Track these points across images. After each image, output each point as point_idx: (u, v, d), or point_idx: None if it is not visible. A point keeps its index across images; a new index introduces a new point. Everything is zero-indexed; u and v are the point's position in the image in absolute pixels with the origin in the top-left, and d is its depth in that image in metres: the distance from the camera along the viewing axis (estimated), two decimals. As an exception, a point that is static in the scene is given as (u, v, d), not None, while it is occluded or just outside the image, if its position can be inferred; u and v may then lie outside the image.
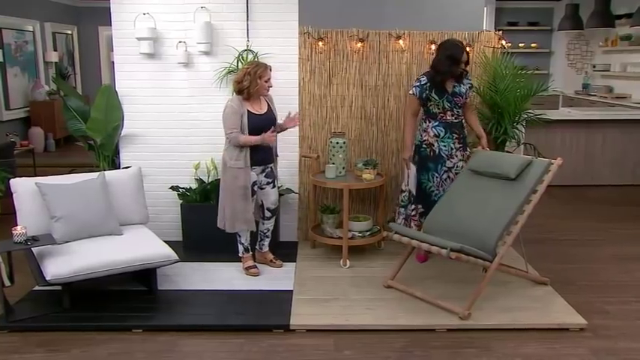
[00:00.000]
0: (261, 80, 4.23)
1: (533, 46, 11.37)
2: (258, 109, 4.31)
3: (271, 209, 4.54)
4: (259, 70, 4.22)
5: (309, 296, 4.09)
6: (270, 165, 4.43)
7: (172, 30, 4.91)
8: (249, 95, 4.24)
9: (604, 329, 3.73)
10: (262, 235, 4.64)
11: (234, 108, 4.20)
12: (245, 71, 4.21)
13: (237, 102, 4.23)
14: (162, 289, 4.17)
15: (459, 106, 4.53)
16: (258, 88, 4.24)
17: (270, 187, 4.46)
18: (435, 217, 4.25)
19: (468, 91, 4.57)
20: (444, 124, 4.56)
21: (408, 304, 3.97)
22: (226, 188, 4.33)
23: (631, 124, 7.61)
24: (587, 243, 5.42)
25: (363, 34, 5.09)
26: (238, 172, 4.26)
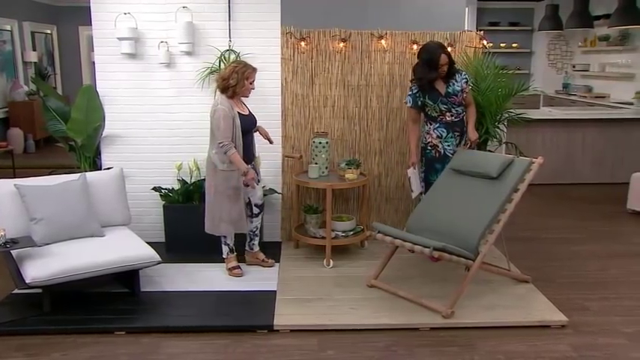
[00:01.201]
0: (247, 82, 4.22)
1: (514, 46, 11.49)
2: (241, 109, 4.31)
3: (259, 205, 4.53)
4: (247, 71, 4.20)
5: (292, 296, 4.09)
6: (252, 163, 4.44)
7: (154, 30, 4.88)
8: (234, 94, 4.22)
9: (584, 325, 3.78)
10: (251, 235, 4.62)
11: (226, 111, 4.15)
12: (233, 69, 4.19)
13: (228, 104, 4.19)
14: (145, 290, 4.14)
15: (457, 105, 4.54)
16: (244, 89, 4.23)
17: (255, 183, 4.46)
18: (418, 216, 4.27)
19: (465, 86, 4.54)
20: (444, 125, 4.61)
21: (392, 304, 3.99)
22: (216, 190, 4.30)
23: (610, 123, 7.72)
24: (568, 241, 5.48)
25: (345, 34, 5.10)
26: (230, 174, 4.24)
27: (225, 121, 4.12)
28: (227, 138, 4.13)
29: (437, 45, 4.51)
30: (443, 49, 4.47)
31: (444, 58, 4.43)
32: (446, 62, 4.45)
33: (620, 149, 7.72)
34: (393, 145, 5.29)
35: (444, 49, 4.48)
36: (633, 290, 4.35)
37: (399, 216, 5.37)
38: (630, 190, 6.40)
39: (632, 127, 7.71)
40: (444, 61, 4.44)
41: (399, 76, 5.19)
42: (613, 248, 5.30)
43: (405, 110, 4.98)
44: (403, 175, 5.30)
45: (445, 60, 4.44)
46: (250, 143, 4.38)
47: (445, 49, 4.49)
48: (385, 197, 5.38)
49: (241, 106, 4.33)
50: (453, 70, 4.54)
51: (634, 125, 7.71)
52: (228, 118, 4.14)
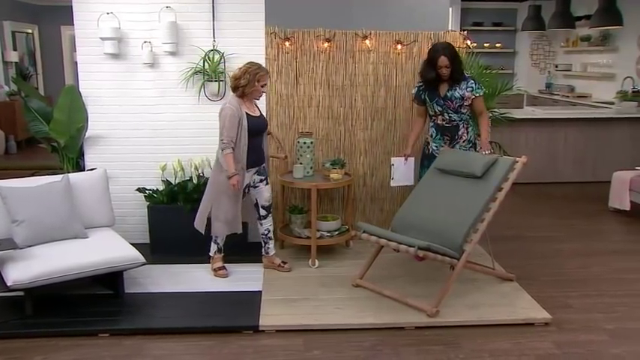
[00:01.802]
0: (259, 84, 4.19)
1: (497, 46, 11.58)
2: (253, 111, 4.28)
3: (266, 206, 4.49)
4: (259, 73, 4.18)
5: (278, 297, 4.08)
6: (262, 165, 4.42)
7: (137, 30, 4.84)
8: (243, 94, 4.20)
9: (567, 323, 3.82)
10: (265, 239, 4.58)
11: (234, 111, 4.13)
12: (246, 69, 4.17)
13: (237, 104, 4.17)
14: (129, 292, 4.11)
15: (452, 111, 4.52)
16: (254, 90, 4.21)
17: (263, 184, 4.44)
18: (403, 215, 4.29)
19: (468, 95, 4.48)
20: (436, 126, 4.65)
21: (377, 303, 4.00)
22: (218, 189, 4.29)
23: (591, 122, 7.81)
24: (550, 239, 5.54)
25: (329, 34, 5.10)
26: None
27: (230, 121, 4.11)
28: (229, 137, 4.11)
29: (442, 46, 4.46)
30: (445, 52, 4.40)
31: (442, 60, 4.40)
32: (445, 65, 4.41)
33: (601, 148, 7.81)
34: (377, 145, 5.31)
35: (446, 51, 4.40)
36: (614, 287, 4.41)
37: (384, 215, 5.39)
38: (611, 189, 6.48)
39: (613, 126, 7.81)
40: (442, 63, 4.41)
41: (383, 76, 5.20)
42: (594, 246, 5.36)
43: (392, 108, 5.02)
44: (388, 174, 5.32)
45: (445, 62, 4.40)
46: (258, 146, 4.33)
47: (449, 52, 4.40)
48: (370, 197, 5.40)
49: (252, 108, 4.30)
50: (456, 75, 4.45)
51: (615, 124, 7.81)
52: (234, 118, 4.12)
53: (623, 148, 7.80)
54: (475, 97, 4.49)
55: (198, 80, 4.92)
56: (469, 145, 4.61)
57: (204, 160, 4.97)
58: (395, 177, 4.76)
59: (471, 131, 4.60)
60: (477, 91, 4.48)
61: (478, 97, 4.51)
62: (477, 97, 4.50)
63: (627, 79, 8.76)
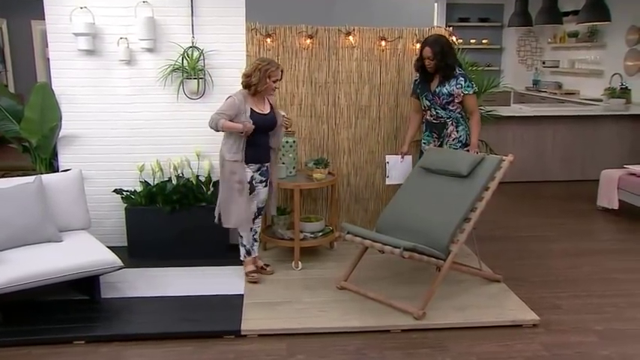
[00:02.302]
0: (270, 80, 4.17)
1: (484, 42, 11.65)
2: (261, 108, 4.26)
3: (259, 208, 4.48)
4: (270, 69, 4.15)
5: (260, 300, 4.08)
6: (266, 164, 4.39)
7: (112, 25, 4.81)
8: (256, 92, 4.19)
9: (556, 324, 3.86)
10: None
11: (235, 102, 4.14)
12: (256, 66, 4.15)
13: (242, 97, 4.17)
14: (105, 297, 4.08)
15: (439, 107, 4.54)
16: (266, 87, 4.19)
17: (262, 186, 4.42)
18: (388, 215, 4.31)
19: (458, 92, 4.50)
20: (425, 121, 4.70)
21: (362, 306, 4.01)
22: (223, 183, 4.30)
23: (579, 120, 7.89)
24: (538, 239, 5.60)
25: (312, 30, 5.11)
26: (235, 167, 4.21)
27: (230, 108, 4.12)
28: (221, 114, 4.11)
29: (430, 38, 4.55)
30: (429, 43, 4.47)
31: (426, 51, 4.47)
32: (428, 56, 4.47)
33: (589, 146, 7.91)
34: (361, 144, 5.33)
35: (431, 42, 4.46)
36: (603, 287, 4.47)
37: (369, 216, 5.41)
38: (600, 188, 6.56)
39: (601, 123, 7.90)
40: (425, 54, 4.47)
41: (367, 73, 5.22)
42: (583, 246, 5.42)
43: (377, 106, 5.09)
44: (373, 174, 5.36)
45: (427, 54, 4.46)
46: (262, 144, 4.31)
47: (433, 44, 4.45)
48: (354, 197, 5.41)
49: (261, 104, 4.27)
50: (444, 70, 4.48)
51: (603, 122, 7.90)
52: (234, 107, 4.13)
53: (611, 146, 7.90)
54: (464, 94, 4.51)
55: (176, 78, 4.90)
56: (459, 144, 4.62)
57: (183, 160, 4.96)
58: (390, 175, 4.78)
59: (462, 130, 4.61)
60: (465, 89, 4.50)
61: (468, 96, 4.51)
62: (466, 96, 4.51)
63: (615, 75, 8.87)
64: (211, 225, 4.82)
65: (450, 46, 4.55)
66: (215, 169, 5.00)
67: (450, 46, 4.54)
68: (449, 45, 4.53)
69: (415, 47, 5.21)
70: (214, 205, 4.83)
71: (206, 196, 4.90)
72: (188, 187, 4.86)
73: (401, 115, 5.32)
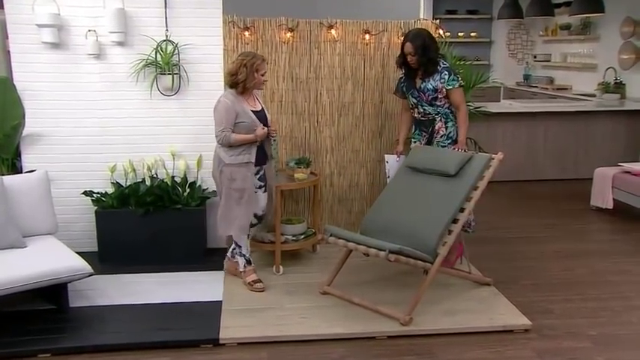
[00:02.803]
0: (258, 74, 4.15)
1: (472, 35, 11.71)
2: (253, 105, 4.23)
3: (259, 215, 4.45)
4: (257, 63, 4.13)
5: (239, 306, 4.06)
6: (263, 166, 4.37)
7: (80, 17, 4.74)
8: (245, 89, 4.16)
9: (549, 329, 3.88)
10: None
11: (228, 104, 4.10)
12: (240, 63, 4.11)
13: (232, 97, 4.14)
14: (74, 306, 4.03)
15: (426, 104, 4.53)
16: (256, 82, 4.17)
17: (261, 192, 4.39)
18: (373, 217, 4.31)
19: (442, 87, 4.48)
20: (414, 120, 4.69)
21: (346, 311, 4.01)
22: (222, 189, 4.27)
23: (572, 116, 7.95)
24: (530, 240, 5.63)
25: (292, 23, 5.10)
26: (235, 172, 4.17)
27: (226, 113, 4.09)
28: (227, 127, 4.09)
29: (411, 32, 4.55)
30: (410, 37, 4.47)
31: (407, 46, 4.47)
32: (410, 52, 4.46)
33: (582, 143, 7.97)
34: (345, 142, 5.33)
35: (412, 37, 4.46)
36: (598, 290, 4.50)
37: (353, 217, 5.42)
38: (593, 187, 6.61)
39: (594, 120, 7.96)
40: (407, 49, 4.48)
41: (350, 68, 5.22)
42: (577, 247, 5.46)
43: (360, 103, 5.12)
44: (357, 173, 5.36)
45: (409, 49, 4.46)
46: (262, 143, 4.28)
47: (414, 39, 4.45)
48: (338, 198, 5.41)
49: (253, 101, 4.26)
50: (426, 66, 4.48)
51: (597, 118, 7.97)
52: (230, 110, 4.09)
53: (605, 143, 7.97)
54: (447, 89, 4.51)
55: (149, 73, 4.86)
56: (448, 141, 4.59)
57: (157, 160, 4.93)
58: (391, 175, 4.79)
59: (452, 127, 4.60)
60: (449, 83, 4.49)
61: (453, 90, 4.51)
62: (451, 90, 4.51)
63: (609, 69, 8.95)
64: (187, 228, 4.82)
65: (433, 40, 4.55)
66: (191, 169, 4.98)
67: (432, 39, 4.53)
68: (431, 39, 4.53)
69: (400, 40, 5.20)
70: (191, 208, 4.83)
71: (182, 197, 4.87)
72: (162, 189, 4.83)
73: (386, 111, 5.33)
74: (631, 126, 7.91)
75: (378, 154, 5.35)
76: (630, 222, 6.21)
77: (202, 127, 4.92)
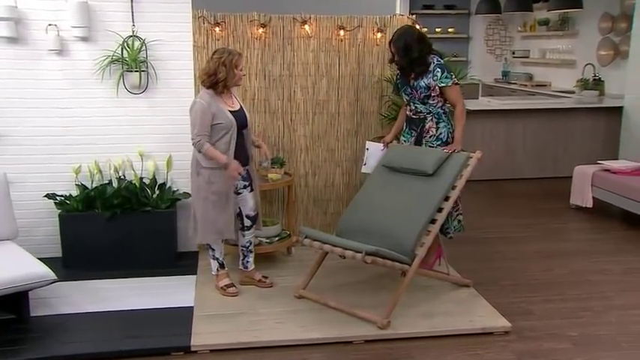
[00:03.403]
0: (237, 70, 4.11)
1: (450, 31, 11.80)
2: (231, 104, 4.18)
3: (251, 216, 4.41)
4: (235, 59, 4.08)
5: (211, 312, 4.05)
6: (246, 167, 4.32)
7: (39, 10, 4.67)
8: (225, 88, 4.11)
9: (529, 330, 3.93)
10: (245, 251, 4.50)
11: (204, 106, 4.02)
12: (219, 61, 4.04)
13: (208, 98, 4.06)
14: (35, 315, 3.97)
15: (418, 102, 4.51)
16: (236, 79, 4.13)
17: (247, 191, 4.35)
18: (349, 218, 4.32)
19: (433, 84, 4.44)
20: (406, 117, 4.67)
21: (322, 315, 4.01)
22: (198, 193, 4.20)
23: (551, 113, 8.07)
24: (509, 240, 5.70)
25: (264, 18, 5.09)
26: (214, 176, 4.11)
27: (202, 116, 4.01)
28: (201, 133, 4.01)
29: (395, 34, 4.53)
30: (393, 39, 4.47)
31: (391, 47, 4.49)
32: (393, 52, 4.47)
33: (562, 141, 8.09)
34: (320, 141, 5.33)
35: (393, 40, 4.47)
36: (578, 290, 4.57)
37: (329, 218, 5.43)
38: (573, 185, 6.71)
39: (574, 117, 8.08)
40: (392, 50, 4.49)
41: (325, 65, 5.23)
42: (556, 247, 5.54)
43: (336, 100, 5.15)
44: (332, 173, 5.37)
45: (392, 50, 4.47)
46: (241, 144, 4.23)
47: (395, 41, 4.45)
48: (313, 198, 5.42)
49: (231, 101, 4.20)
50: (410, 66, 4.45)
51: (576, 115, 8.09)
52: (206, 112, 4.02)
53: (584, 140, 8.09)
54: (441, 87, 4.45)
55: (115, 70, 4.82)
56: (438, 142, 4.53)
57: (125, 160, 4.90)
58: (368, 163, 4.78)
59: (444, 127, 4.51)
60: (442, 81, 4.42)
61: (447, 88, 4.43)
62: (445, 88, 4.43)
63: (588, 66, 9.08)
64: (157, 231, 4.80)
65: (418, 40, 4.46)
66: (160, 170, 4.95)
67: (416, 39, 4.45)
68: (415, 38, 4.45)
69: (376, 36, 5.25)
70: (160, 210, 4.80)
71: (151, 200, 4.83)
72: (131, 191, 4.79)
73: (362, 110, 5.35)
74: (610, 123, 8.02)
75: (354, 154, 5.37)
76: (610, 220, 6.31)
77: (172, 126, 4.90)
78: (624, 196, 6.07)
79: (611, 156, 7.55)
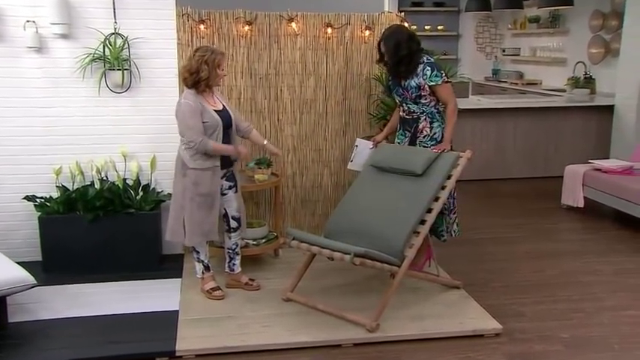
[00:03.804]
0: (220, 69, 4.10)
1: (439, 28, 11.84)
2: (213, 104, 4.16)
3: (237, 217, 4.40)
4: (217, 58, 4.06)
5: (197, 316, 4.04)
6: (231, 168, 4.31)
7: (16, 6, 4.63)
8: (207, 87, 4.09)
9: (520, 332, 3.95)
10: (231, 254, 4.49)
11: (192, 105, 4.00)
12: (201, 59, 4.02)
13: (193, 97, 4.04)
14: (14, 321, 3.94)
15: (411, 102, 4.52)
16: (218, 78, 4.12)
17: (232, 192, 4.34)
18: (337, 219, 4.32)
19: (422, 83, 4.44)
20: (399, 118, 4.68)
21: (310, 319, 4.01)
22: (183, 194, 4.17)
23: (542, 112, 8.12)
24: (500, 241, 5.73)
25: (250, 16, 5.08)
26: (201, 177, 4.08)
27: (192, 117, 3.99)
28: (198, 133, 3.99)
29: (385, 32, 4.54)
30: (383, 38, 4.48)
31: (381, 46, 4.48)
32: (384, 51, 4.47)
33: (552, 140, 8.14)
34: (307, 141, 5.34)
35: (383, 38, 4.47)
36: (569, 291, 4.60)
37: (317, 220, 5.43)
38: (564, 185, 6.76)
39: (564, 115, 8.14)
40: (381, 49, 4.49)
41: (312, 63, 5.23)
42: (547, 247, 5.58)
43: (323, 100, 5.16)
44: (320, 174, 5.37)
45: (382, 48, 4.47)
46: (229, 142, 4.21)
47: (386, 39, 4.45)
48: (300, 199, 5.42)
49: (213, 101, 4.18)
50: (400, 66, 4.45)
51: (567, 114, 8.15)
52: (195, 113, 4.00)
53: (575, 139, 8.15)
54: (430, 86, 4.44)
55: (97, 69, 4.80)
56: (432, 142, 4.53)
57: (107, 161, 4.88)
58: (355, 160, 4.78)
59: (437, 127, 4.51)
60: (432, 79, 4.42)
61: (437, 87, 4.43)
62: (435, 86, 4.43)
63: (579, 64, 9.14)
64: (141, 234, 4.78)
65: (408, 39, 4.48)
66: (144, 171, 4.93)
67: (406, 38, 4.47)
68: (405, 37, 4.46)
69: (364, 34, 5.26)
70: (144, 212, 4.78)
71: (134, 201, 4.81)
72: (113, 192, 4.78)
73: (350, 109, 5.36)
74: (601, 122, 8.09)
75: (342, 154, 5.38)
76: (601, 220, 6.36)
77: (156, 126, 4.88)
78: (616, 195, 6.12)
79: (603, 155, 7.62)
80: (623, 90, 7.62)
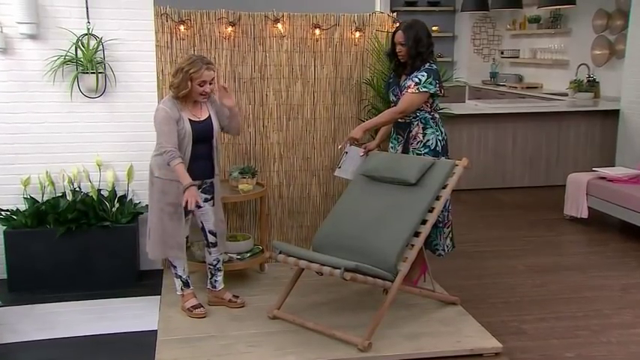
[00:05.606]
0: (194, 83, 4.01)
1: (434, 29, 11.90)
2: (197, 114, 4.16)
3: (214, 232, 4.40)
4: (192, 70, 3.98)
5: (177, 336, 4.04)
6: (209, 180, 4.31)
7: (-21, 3, 4.67)
8: (177, 97, 4.07)
9: (521, 352, 3.98)
10: (213, 269, 4.49)
11: (167, 112, 4.01)
12: (180, 65, 4.05)
13: (170, 104, 4.05)
14: (-21, 344, 3.97)
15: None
16: (189, 91, 4.04)
17: (209, 205, 4.34)
18: (326, 231, 4.34)
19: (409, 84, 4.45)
20: (394, 122, 4.68)
21: (299, 337, 4.03)
22: (153, 204, 4.21)
23: (543, 117, 8.19)
24: (500, 254, 5.77)
25: (233, 16, 5.12)
26: (168, 186, 4.11)
27: (167, 125, 4.00)
28: (169, 144, 3.99)
29: (405, 22, 4.55)
30: (402, 27, 4.47)
31: (398, 35, 4.46)
32: (399, 42, 4.46)
33: (554, 147, 8.21)
34: (294, 149, 5.37)
35: (403, 28, 4.47)
36: (573, 308, 4.64)
37: (305, 232, 5.46)
38: (567, 194, 6.81)
39: (567, 121, 8.21)
40: (397, 39, 4.47)
41: (299, 66, 5.28)
42: (550, 261, 5.63)
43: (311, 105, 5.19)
44: (308, 183, 5.40)
45: (399, 39, 4.45)
46: (203, 156, 4.21)
47: (406, 29, 4.44)
48: (288, 211, 5.45)
49: (196, 110, 4.17)
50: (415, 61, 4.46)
51: (569, 119, 8.22)
52: (170, 121, 4.01)
53: (578, 146, 8.23)
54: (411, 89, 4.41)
55: (69, 72, 4.82)
56: (425, 150, 4.54)
57: (80, 171, 4.89)
58: (343, 167, 4.75)
59: (431, 134, 4.52)
60: (424, 85, 4.41)
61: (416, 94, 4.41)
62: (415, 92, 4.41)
63: (582, 66, 9.23)
64: (117, 248, 4.79)
65: (427, 36, 4.55)
66: (120, 181, 4.95)
67: (426, 34, 4.53)
68: (426, 33, 4.52)
69: (354, 36, 5.31)
70: (120, 225, 4.80)
71: (110, 213, 4.83)
72: (87, 204, 4.79)
73: (339, 114, 5.40)
74: (606, 127, 8.16)
75: (330, 162, 5.41)
76: (606, 232, 6.42)
77: (133, 133, 4.91)
78: (622, 205, 6.17)
79: (608, 163, 7.68)
80: (629, 93, 7.69)
